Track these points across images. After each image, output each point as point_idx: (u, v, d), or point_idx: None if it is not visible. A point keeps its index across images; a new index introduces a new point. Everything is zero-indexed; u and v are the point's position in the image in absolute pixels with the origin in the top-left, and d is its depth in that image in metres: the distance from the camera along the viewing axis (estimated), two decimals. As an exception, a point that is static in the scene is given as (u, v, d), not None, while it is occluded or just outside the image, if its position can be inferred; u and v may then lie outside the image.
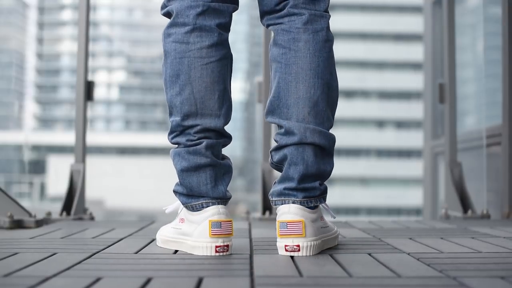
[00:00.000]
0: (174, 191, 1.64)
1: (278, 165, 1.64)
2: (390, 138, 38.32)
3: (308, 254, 1.54)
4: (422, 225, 2.44)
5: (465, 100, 5.11)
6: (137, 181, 41.21)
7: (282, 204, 1.58)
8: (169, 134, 1.64)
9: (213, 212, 1.56)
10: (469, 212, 2.93)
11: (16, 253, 1.58)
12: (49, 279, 1.22)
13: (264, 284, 1.18)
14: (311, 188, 1.58)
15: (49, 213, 2.63)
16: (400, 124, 39.97)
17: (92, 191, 4.34)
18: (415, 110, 33.49)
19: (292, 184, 1.58)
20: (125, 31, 53.83)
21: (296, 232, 1.54)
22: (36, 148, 42.23)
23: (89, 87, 3.05)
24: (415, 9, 36.34)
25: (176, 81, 1.59)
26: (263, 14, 1.70)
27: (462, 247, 1.72)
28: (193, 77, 1.58)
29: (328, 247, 1.65)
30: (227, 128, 1.66)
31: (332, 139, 1.62)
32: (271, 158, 1.65)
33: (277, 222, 1.57)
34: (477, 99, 4.85)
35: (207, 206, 1.57)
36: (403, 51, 39.38)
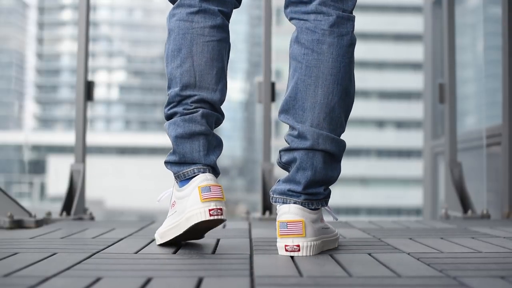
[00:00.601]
0: (166, 162, 1.66)
1: (285, 165, 1.65)
2: (390, 138, 38.32)
3: (308, 254, 1.54)
4: (422, 225, 2.44)
5: (465, 100, 5.11)
6: (137, 181, 41.20)
7: (282, 203, 1.58)
8: (166, 105, 1.68)
9: (201, 179, 1.58)
10: (469, 212, 2.93)
11: (16, 253, 1.58)
12: (49, 279, 1.22)
13: (264, 284, 1.18)
14: (316, 193, 1.59)
15: (49, 213, 2.63)
16: (400, 124, 39.98)
17: (92, 191, 4.34)
18: (415, 110, 33.48)
19: (297, 188, 1.58)
20: (125, 31, 53.82)
21: (296, 232, 1.54)
22: (36, 148, 42.22)
23: (89, 87, 3.05)
24: (415, 9, 36.33)
25: (178, 55, 1.65)
26: (288, 3, 1.67)
27: (462, 247, 1.72)
28: (195, 52, 1.63)
29: (328, 249, 1.65)
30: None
31: (343, 145, 1.62)
32: (280, 157, 1.65)
33: (277, 222, 1.57)
34: (477, 99, 4.85)
35: (198, 173, 1.59)
36: (403, 51, 39.38)
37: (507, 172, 3.11)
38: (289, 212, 1.56)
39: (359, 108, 37.17)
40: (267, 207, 2.93)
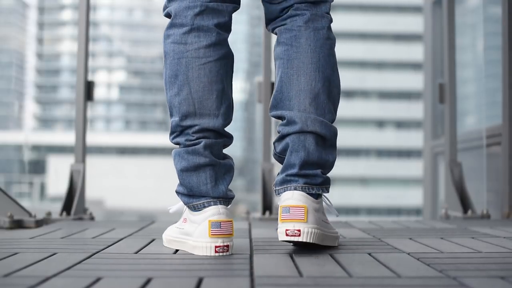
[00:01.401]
0: (176, 192, 1.65)
1: (281, 156, 1.65)
2: (390, 138, 38.33)
3: (307, 240, 1.53)
4: (422, 225, 2.44)
5: (465, 100, 5.11)
6: (137, 181, 41.21)
7: (284, 191, 1.59)
8: (170, 134, 1.65)
9: (213, 212, 1.56)
10: (469, 212, 2.93)
11: (16, 253, 1.58)
12: (49, 279, 1.22)
13: (264, 284, 1.18)
14: (313, 175, 1.59)
15: (49, 213, 2.63)
16: (400, 124, 39.97)
17: (92, 191, 4.34)
18: (415, 110, 33.50)
19: (293, 171, 1.59)
20: (125, 31, 53.82)
21: (298, 217, 1.53)
22: (36, 148, 42.23)
23: (89, 87, 3.05)
24: (415, 9, 36.34)
25: (175, 82, 1.60)
26: (269, 21, 1.74)
27: (462, 247, 1.72)
28: (191, 77, 1.59)
29: (327, 245, 1.65)
30: (228, 127, 1.66)
31: (333, 130, 1.63)
32: (274, 149, 1.67)
33: (279, 208, 1.57)
34: (477, 99, 4.85)
35: (208, 206, 1.58)
36: (403, 51, 39.37)
37: (507, 172, 3.11)
38: (292, 198, 1.56)
39: (359, 108, 37.19)
40: (267, 207, 2.93)
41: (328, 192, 1.64)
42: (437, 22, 5.10)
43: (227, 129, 1.65)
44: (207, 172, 1.59)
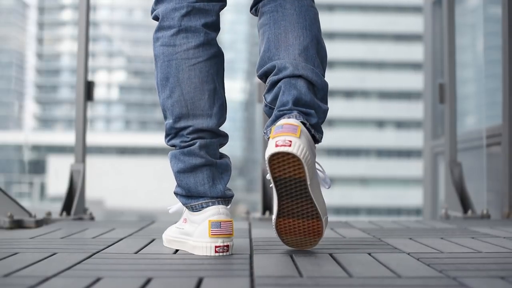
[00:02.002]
0: (175, 193, 1.65)
1: (272, 107, 1.60)
2: (390, 138, 38.32)
3: (297, 153, 1.43)
4: (422, 225, 2.44)
5: (465, 100, 5.11)
6: (137, 181, 41.21)
7: (275, 122, 1.53)
8: (165, 137, 1.65)
9: (213, 212, 1.56)
10: (469, 212, 2.93)
11: (16, 253, 1.58)
12: (49, 279, 1.22)
13: (264, 284, 1.18)
14: (307, 113, 1.54)
15: (49, 213, 2.63)
16: (400, 124, 39.96)
17: (92, 191, 4.34)
18: (415, 110, 33.49)
19: (286, 106, 1.53)
20: (125, 31, 53.80)
21: (290, 131, 1.45)
22: (36, 148, 42.23)
23: (89, 87, 3.05)
24: (415, 9, 36.33)
25: (166, 84, 1.60)
26: (254, 4, 1.72)
27: (462, 247, 1.72)
28: (182, 79, 1.58)
29: (316, 188, 1.54)
30: (226, 127, 1.66)
31: (324, 82, 1.60)
32: (265, 100, 1.62)
33: (272, 128, 1.49)
34: (477, 99, 4.85)
35: (207, 206, 1.58)
36: (403, 51, 39.36)
37: (507, 172, 3.11)
38: (287, 120, 1.49)
39: (359, 108, 37.19)
40: (267, 207, 2.93)
41: (320, 141, 1.58)
42: (437, 22, 5.10)
43: (224, 128, 1.65)
44: (204, 173, 1.59)
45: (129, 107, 53.12)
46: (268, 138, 1.51)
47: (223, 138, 1.64)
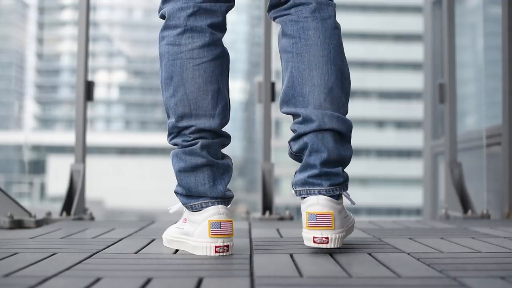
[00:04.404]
0: (175, 192, 1.65)
1: (297, 155, 1.63)
2: (390, 138, 38.33)
3: (335, 246, 1.54)
4: (422, 225, 2.44)
5: (465, 100, 5.11)
6: (137, 181, 41.20)
7: (307, 194, 1.58)
8: (168, 136, 1.65)
9: (213, 212, 1.56)
10: (469, 212, 2.93)
11: (16, 253, 1.58)
12: (49, 279, 1.22)
13: (264, 284, 1.18)
14: (335, 174, 1.58)
15: (49, 213, 2.63)
16: (400, 124, 39.95)
17: (92, 191, 4.33)
18: (415, 110, 33.48)
19: (315, 171, 1.57)
20: (125, 31, 53.79)
21: (325, 224, 1.53)
22: (36, 148, 42.23)
23: (89, 87, 3.05)
24: (415, 9, 36.32)
25: (170, 83, 1.60)
26: (271, 7, 1.71)
27: (462, 247, 1.72)
28: (186, 78, 1.58)
29: (347, 236, 1.66)
30: (226, 127, 1.66)
31: (349, 124, 1.63)
32: (290, 148, 1.64)
33: (304, 214, 1.56)
34: (477, 99, 4.85)
35: (207, 206, 1.57)
36: (403, 51, 39.36)
37: (507, 172, 3.11)
38: (318, 203, 1.55)
39: (359, 108, 37.19)
40: (267, 207, 2.93)
41: (347, 189, 1.64)
42: (437, 22, 5.10)
43: (225, 129, 1.65)
44: (205, 172, 1.58)
45: (129, 107, 53.11)
46: (299, 197, 1.59)
47: (226, 138, 1.64)
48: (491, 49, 4.16)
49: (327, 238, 1.53)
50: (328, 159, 1.57)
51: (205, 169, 1.58)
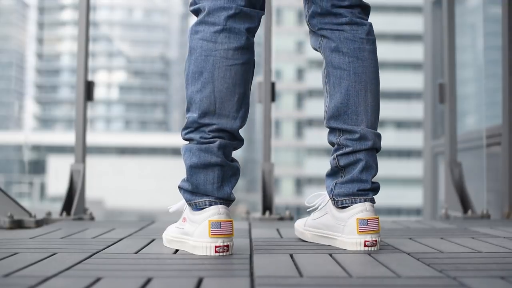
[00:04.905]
0: (179, 187, 1.64)
1: (340, 168, 1.70)
2: (390, 138, 38.32)
3: (378, 248, 1.64)
4: (422, 225, 2.44)
5: (465, 100, 5.11)
6: (137, 181, 41.20)
7: (352, 202, 1.66)
8: (184, 129, 1.64)
9: (213, 212, 1.56)
10: (469, 212, 2.93)
11: (16, 253, 1.58)
12: (49, 279, 1.22)
13: (264, 284, 1.18)
14: (377, 187, 1.71)
15: (49, 213, 2.63)
16: (400, 124, 39.96)
17: (92, 191, 4.34)
18: (415, 110, 33.47)
19: (366, 185, 1.68)
20: (125, 31, 53.79)
21: (374, 228, 1.63)
22: (36, 148, 42.23)
23: (89, 87, 3.05)
24: (415, 9, 36.34)
25: (199, 78, 1.60)
26: (315, 15, 1.73)
27: (462, 247, 1.72)
28: (216, 77, 1.59)
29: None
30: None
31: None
32: (337, 161, 1.70)
33: (354, 220, 1.63)
34: (477, 99, 4.85)
35: (210, 205, 1.58)
36: (403, 51, 39.37)
37: (507, 172, 3.11)
38: (366, 210, 1.65)
39: (359, 108, 37.13)
40: (267, 207, 2.93)
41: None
42: (437, 22, 5.10)
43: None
44: (215, 172, 1.59)
45: (129, 107, 53.11)
46: (338, 206, 1.68)
47: (240, 142, 1.66)
48: (491, 49, 4.16)
49: (375, 241, 1.63)
50: (376, 175, 1.71)
51: (216, 168, 1.59)
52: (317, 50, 1.77)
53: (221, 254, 1.54)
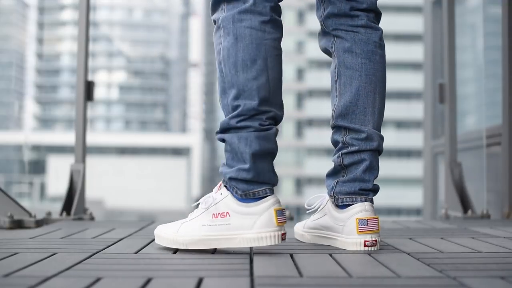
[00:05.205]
0: (231, 178, 1.59)
1: (344, 167, 1.70)
2: (390, 138, 38.32)
3: (378, 248, 1.64)
4: (422, 225, 2.44)
5: (465, 100, 5.11)
6: (137, 181, 41.22)
7: (353, 201, 1.67)
8: (235, 117, 1.59)
9: (273, 201, 1.58)
10: (469, 212, 2.93)
11: (16, 253, 1.58)
12: (49, 279, 1.22)
13: (264, 284, 1.18)
14: (377, 189, 1.72)
15: (49, 213, 2.63)
16: (400, 124, 39.96)
17: (92, 191, 4.34)
18: (415, 110, 33.49)
19: (368, 185, 1.69)
20: (125, 31, 53.79)
21: (374, 228, 1.64)
22: (36, 148, 42.23)
23: (89, 87, 3.05)
24: (415, 9, 36.35)
25: (252, 66, 1.59)
26: (331, 15, 1.74)
27: (462, 247, 1.72)
28: (270, 65, 1.60)
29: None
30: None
31: None
32: (341, 160, 1.70)
33: (354, 220, 1.64)
34: (477, 99, 4.85)
35: (269, 194, 1.58)
36: (403, 51, 39.38)
37: (507, 172, 3.11)
38: (366, 210, 1.65)
39: (359, 108, 37.15)
40: (267, 207, 2.93)
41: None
42: (437, 22, 5.10)
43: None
44: (270, 159, 1.61)
45: (129, 107, 53.11)
46: (338, 204, 1.69)
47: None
48: (491, 49, 4.16)
49: (375, 240, 1.63)
50: (377, 177, 1.72)
51: (272, 156, 1.61)
52: (327, 51, 1.78)
53: (282, 242, 1.58)
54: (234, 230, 1.58)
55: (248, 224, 1.57)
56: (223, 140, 1.63)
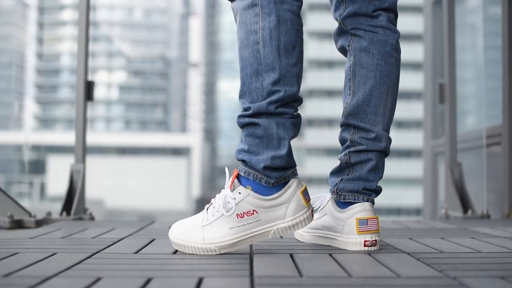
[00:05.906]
0: (266, 167, 1.55)
1: (349, 165, 1.70)
2: (390, 138, 38.36)
3: (378, 248, 1.64)
4: (422, 225, 2.44)
5: (465, 100, 5.11)
6: (137, 181, 41.22)
7: (355, 199, 1.67)
8: (274, 102, 1.55)
9: (297, 183, 1.58)
10: (469, 212, 2.93)
11: (16, 253, 1.58)
12: (49, 279, 1.22)
13: (264, 284, 1.18)
14: (380, 190, 1.73)
15: (49, 213, 2.63)
16: (400, 124, 39.97)
17: (92, 191, 4.34)
18: (415, 110, 33.49)
19: (371, 185, 1.69)
20: (125, 31, 53.80)
21: (374, 228, 1.64)
22: (36, 148, 42.24)
23: (89, 87, 3.05)
24: (415, 9, 36.33)
25: (293, 52, 1.58)
26: (352, 15, 1.72)
27: (462, 247, 1.72)
28: (302, 53, 1.62)
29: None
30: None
31: None
32: (348, 158, 1.69)
33: (354, 220, 1.64)
34: (477, 99, 4.85)
35: (295, 176, 1.59)
36: (403, 51, 39.13)
37: (507, 172, 3.11)
38: (366, 210, 1.65)
39: (359, 108, 37.17)
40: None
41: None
42: (437, 22, 5.10)
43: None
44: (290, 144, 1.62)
45: (129, 107, 53.11)
46: (340, 200, 1.69)
47: None
48: (491, 49, 4.16)
49: (375, 240, 1.63)
50: (381, 177, 1.72)
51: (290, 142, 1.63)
52: (343, 49, 1.76)
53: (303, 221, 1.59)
54: (266, 224, 1.57)
55: (279, 214, 1.57)
56: (251, 124, 1.56)
